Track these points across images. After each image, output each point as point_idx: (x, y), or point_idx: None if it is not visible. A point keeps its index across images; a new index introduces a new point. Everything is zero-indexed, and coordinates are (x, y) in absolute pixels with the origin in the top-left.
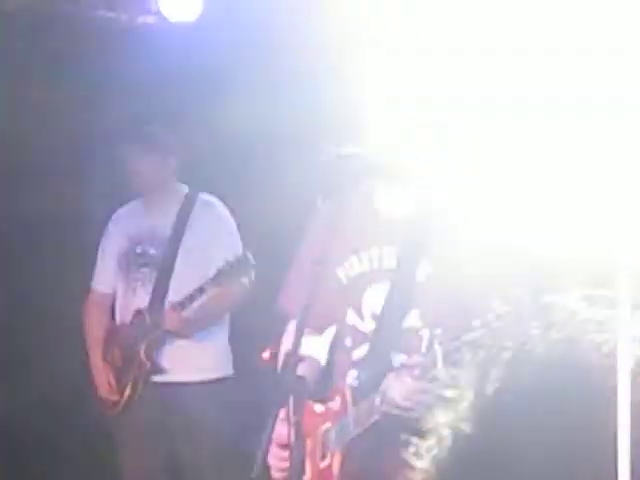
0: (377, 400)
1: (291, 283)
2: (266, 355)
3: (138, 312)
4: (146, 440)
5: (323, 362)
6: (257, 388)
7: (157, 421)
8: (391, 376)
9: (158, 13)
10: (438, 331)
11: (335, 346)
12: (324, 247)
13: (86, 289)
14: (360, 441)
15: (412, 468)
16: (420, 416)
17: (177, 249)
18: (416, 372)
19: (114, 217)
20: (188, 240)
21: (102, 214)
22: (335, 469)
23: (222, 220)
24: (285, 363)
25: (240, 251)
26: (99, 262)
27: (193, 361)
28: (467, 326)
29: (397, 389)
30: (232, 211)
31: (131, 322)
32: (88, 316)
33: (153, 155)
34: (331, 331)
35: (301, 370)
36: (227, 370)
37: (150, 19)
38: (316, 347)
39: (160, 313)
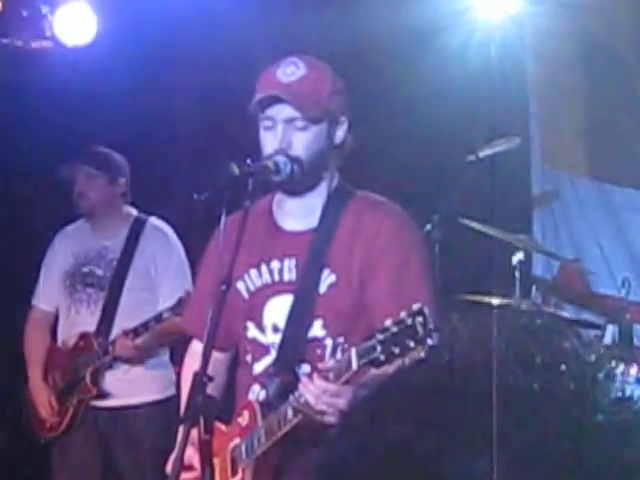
0: (289, 411)
1: (193, 303)
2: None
3: (84, 335)
4: (87, 463)
5: (225, 380)
6: None
7: (99, 444)
8: (304, 381)
9: (53, 37)
10: (341, 339)
11: (237, 362)
12: (227, 265)
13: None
14: (272, 453)
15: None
16: (335, 420)
17: (127, 272)
18: (330, 375)
19: (60, 233)
20: (136, 263)
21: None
22: None
23: (172, 245)
24: (194, 383)
25: (190, 278)
26: (42, 279)
27: (140, 385)
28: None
29: (311, 392)
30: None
31: (76, 345)
32: (29, 334)
33: (101, 177)
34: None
35: (210, 389)
36: (170, 390)
37: (45, 44)
38: (219, 364)
39: (108, 338)
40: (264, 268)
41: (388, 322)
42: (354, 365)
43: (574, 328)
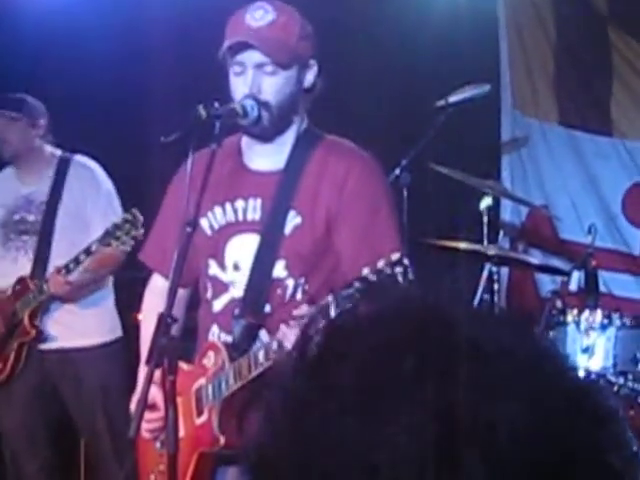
0: (260, 355)
1: (153, 237)
2: (141, 316)
3: (20, 280)
4: (33, 408)
5: (183, 316)
6: None
7: (44, 388)
8: (283, 327)
9: None
10: (302, 280)
11: (198, 300)
12: (193, 205)
13: None
14: (239, 394)
15: None
16: None
17: (55, 213)
18: (307, 322)
19: None
20: (66, 203)
21: None
22: (214, 423)
23: (98, 180)
24: (159, 324)
25: (120, 211)
26: None
27: (79, 327)
28: (335, 277)
29: (288, 339)
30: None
31: (13, 290)
32: None
33: (19, 121)
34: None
35: (173, 330)
36: (116, 332)
37: None
38: (179, 300)
39: (43, 279)
40: (228, 207)
41: (366, 271)
42: (332, 312)
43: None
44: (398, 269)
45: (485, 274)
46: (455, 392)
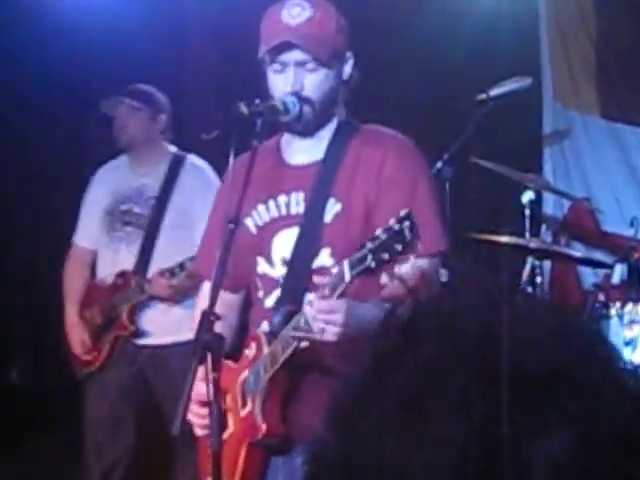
0: (289, 334)
1: (204, 245)
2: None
3: (122, 274)
4: (123, 400)
5: (237, 320)
6: None
7: (137, 382)
8: (306, 304)
9: None
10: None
11: (249, 300)
12: (235, 203)
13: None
14: (280, 379)
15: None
16: (333, 336)
17: (164, 210)
18: (326, 291)
19: (98, 172)
20: (175, 200)
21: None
22: (256, 412)
23: (211, 184)
24: (202, 321)
25: None
26: (82, 217)
27: (176, 324)
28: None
29: (310, 313)
30: None
31: (114, 283)
32: (68, 270)
33: (142, 111)
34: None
35: (218, 327)
36: None
37: None
38: (231, 305)
39: (145, 277)
40: (271, 203)
41: (378, 231)
42: (347, 276)
43: None
44: (406, 224)
45: (528, 268)
46: (498, 419)
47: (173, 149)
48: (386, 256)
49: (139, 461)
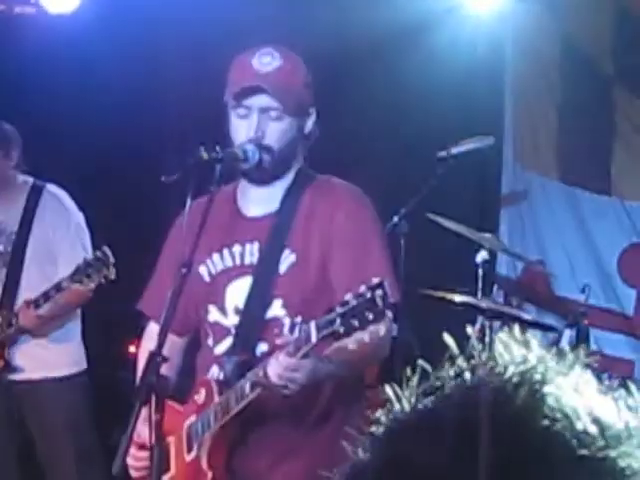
0: (247, 386)
1: (153, 285)
2: (133, 350)
3: None
4: (0, 437)
5: (181, 362)
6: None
7: (11, 418)
8: (271, 359)
9: (36, 4)
10: (299, 319)
11: (197, 345)
12: (188, 249)
13: None
14: (228, 428)
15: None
16: (292, 393)
17: (26, 243)
18: (290, 349)
19: None
20: (36, 233)
21: None
22: (202, 459)
23: (69, 212)
24: (149, 362)
25: (88, 243)
26: None
27: (48, 359)
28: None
29: (273, 369)
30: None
31: None
32: None
33: None
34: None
35: (164, 370)
36: (81, 365)
37: (28, 9)
38: (177, 348)
39: (12, 310)
40: (226, 252)
41: (348, 296)
42: (313, 338)
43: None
44: (378, 292)
45: (477, 327)
46: None
47: (30, 180)
48: (356, 323)
49: None
